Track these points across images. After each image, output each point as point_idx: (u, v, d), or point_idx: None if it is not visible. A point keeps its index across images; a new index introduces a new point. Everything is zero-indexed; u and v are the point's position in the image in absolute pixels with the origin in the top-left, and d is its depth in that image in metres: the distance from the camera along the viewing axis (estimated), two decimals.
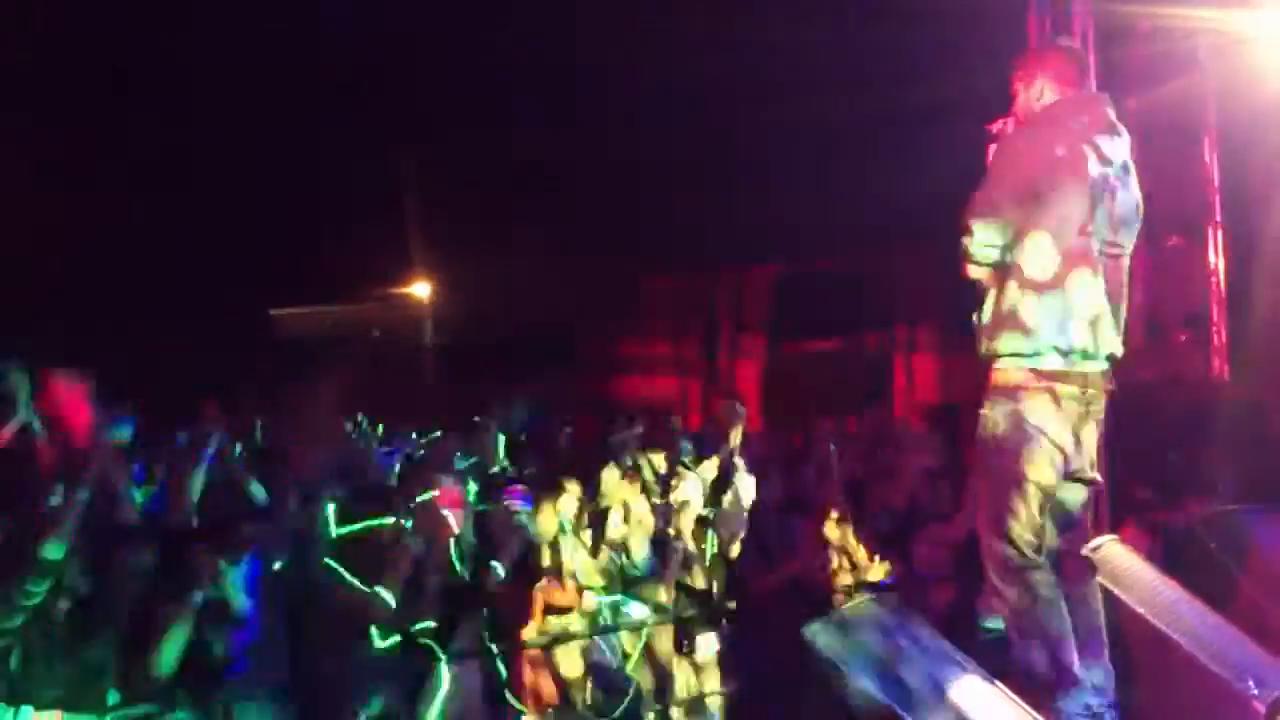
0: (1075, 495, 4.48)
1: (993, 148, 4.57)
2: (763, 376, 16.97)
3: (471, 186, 15.29)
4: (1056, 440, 4.29)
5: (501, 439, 7.83)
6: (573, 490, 6.50)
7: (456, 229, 15.95)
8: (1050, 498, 4.34)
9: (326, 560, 5.61)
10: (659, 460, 7.37)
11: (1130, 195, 4.47)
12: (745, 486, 7.62)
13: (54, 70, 13.43)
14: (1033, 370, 4.27)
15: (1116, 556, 4.89)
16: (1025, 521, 4.29)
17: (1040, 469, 4.29)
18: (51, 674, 4.68)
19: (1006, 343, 4.30)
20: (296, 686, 5.35)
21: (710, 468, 7.54)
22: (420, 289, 18.50)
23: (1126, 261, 4.51)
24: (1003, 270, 4.31)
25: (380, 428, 8.67)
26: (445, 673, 5.56)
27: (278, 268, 15.34)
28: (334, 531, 5.74)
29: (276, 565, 5.48)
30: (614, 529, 6.67)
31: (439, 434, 7.99)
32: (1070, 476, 4.39)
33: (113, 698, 4.80)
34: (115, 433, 5.59)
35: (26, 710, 4.50)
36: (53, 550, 4.62)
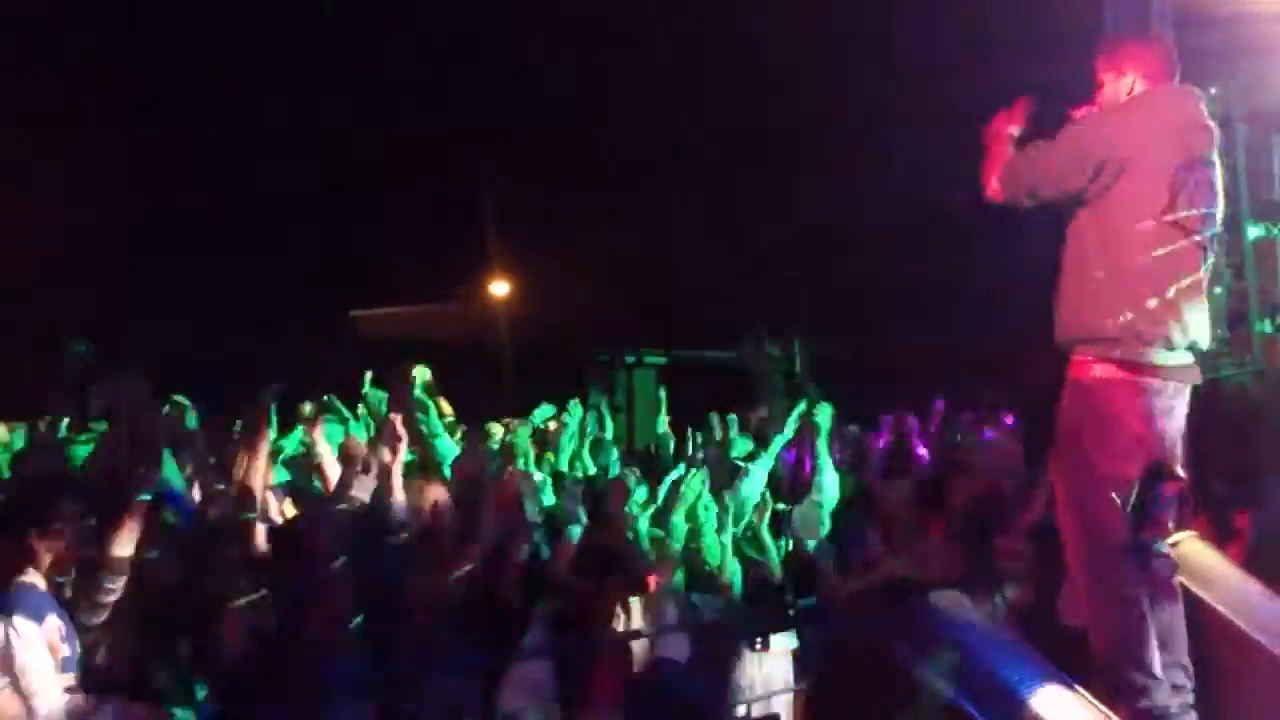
0: (1158, 491, 4.41)
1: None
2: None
3: (550, 184, 15.39)
4: (1140, 433, 4.23)
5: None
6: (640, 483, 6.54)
7: (534, 227, 16.06)
8: (1133, 494, 4.27)
9: None
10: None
11: (1214, 190, 4.40)
12: (829, 486, 7.57)
13: (151, 68, 13.75)
14: (1115, 361, 4.21)
15: (1196, 553, 4.82)
16: (1111, 519, 4.22)
17: (1123, 463, 4.23)
18: (141, 667, 4.80)
19: (1088, 331, 4.26)
20: (376, 682, 5.39)
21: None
22: (498, 288, 18.68)
23: (1210, 254, 4.43)
24: (1081, 253, 4.26)
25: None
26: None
27: (357, 269, 15.56)
28: None
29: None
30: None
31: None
32: (1154, 471, 4.32)
33: (200, 691, 4.88)
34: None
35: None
36: (122, 547, 4.75)
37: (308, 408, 6.76)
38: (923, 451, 8.60)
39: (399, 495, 5.90)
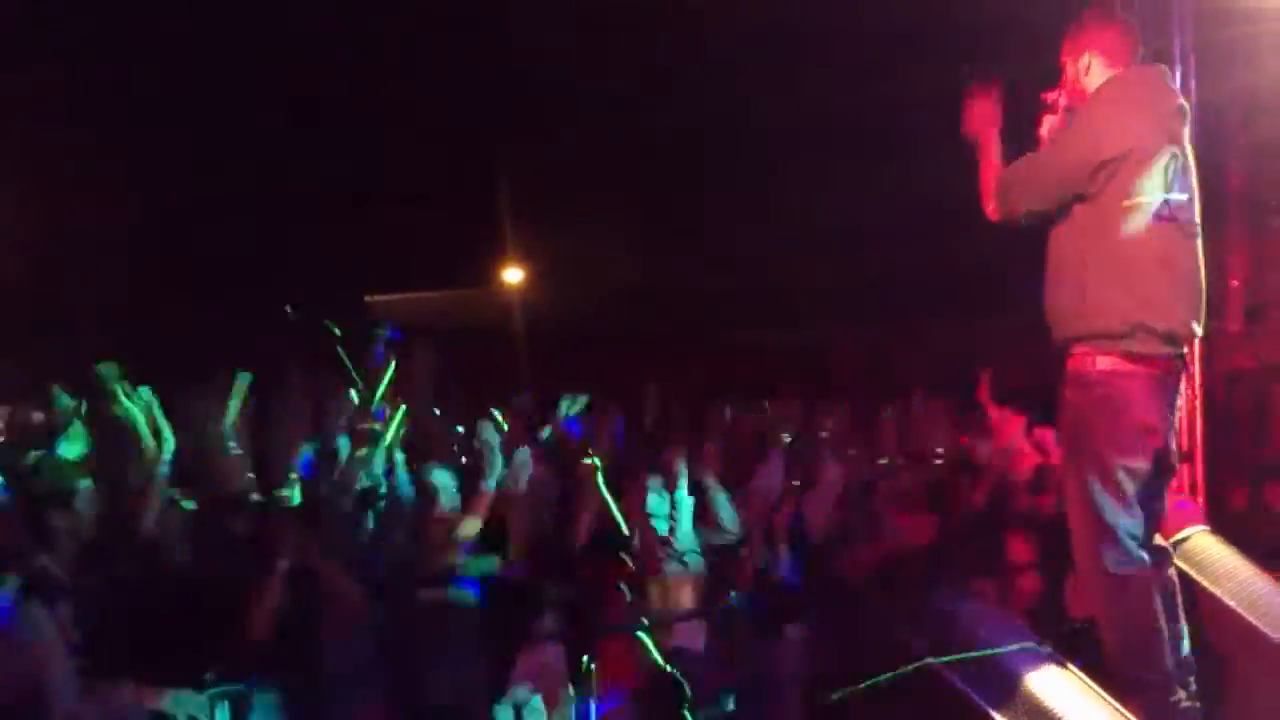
0: (1160, 483, 4.40)
1: (1046, 118, 4.51)
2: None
3: (567, 172, 15.39)
4: (1147, 424, 4.21)
5: None
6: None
7: (551, 214, 16.05)
8: (1145, 487, 4.27)
9: None
10: None
11: (1192, 174, 4.36)
12: (832, 472, 7.59)
13: (162, 60, 13.77)
14: (1119, 354, 4.18)
15: (1207, 548, 4.80)
16: (1124, 514, 4.20)
17: (1131, 455, 4.20)
18: (148, 648, 4.81)
19: (1088, 325, 4.22)
20: (385, 666, 5.41)
21: None
22: (512, 274, 18.65)
23: (1199, 242, 4.39)
24: (1077, 247, 4.24)
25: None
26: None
27: (371, 254, 15.58)
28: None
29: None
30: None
31: None
32: (1158, 463, 4.30)
33: (209, 673, 4.90)
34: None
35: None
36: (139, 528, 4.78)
37: None
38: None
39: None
